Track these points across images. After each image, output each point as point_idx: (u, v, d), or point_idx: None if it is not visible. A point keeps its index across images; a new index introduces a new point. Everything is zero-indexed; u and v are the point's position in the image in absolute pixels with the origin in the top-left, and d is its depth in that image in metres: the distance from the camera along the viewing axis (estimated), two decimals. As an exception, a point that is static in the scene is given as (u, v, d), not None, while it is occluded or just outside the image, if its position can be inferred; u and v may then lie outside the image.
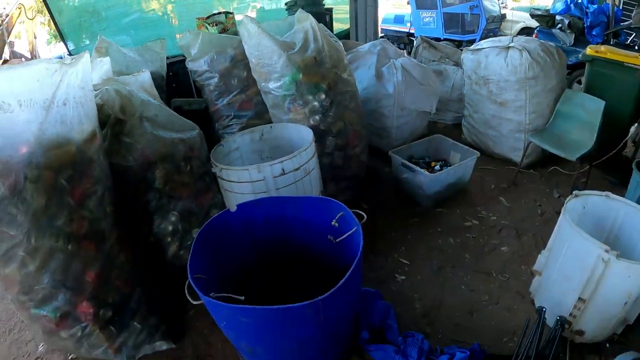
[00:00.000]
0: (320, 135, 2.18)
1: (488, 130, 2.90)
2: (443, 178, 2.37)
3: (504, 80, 2.66)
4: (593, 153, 2.56)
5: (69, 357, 1.72)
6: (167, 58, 2.86)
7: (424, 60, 3.67)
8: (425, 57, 3.72)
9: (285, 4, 3.88)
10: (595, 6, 3.83)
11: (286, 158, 1.77)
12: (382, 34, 7.08)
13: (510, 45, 2.63)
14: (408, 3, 6.55)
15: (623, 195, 1.91)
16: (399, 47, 5.91)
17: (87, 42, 2.95)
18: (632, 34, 3.85)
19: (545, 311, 1.53)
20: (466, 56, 2.88)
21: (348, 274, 1.19)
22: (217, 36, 2.43)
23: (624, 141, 2.61)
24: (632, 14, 3.62)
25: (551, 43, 2.89)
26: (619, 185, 2.59)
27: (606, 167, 2.85)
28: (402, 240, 2.27)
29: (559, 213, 1.68)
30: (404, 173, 2.42)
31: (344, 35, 4.39)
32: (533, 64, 2.55)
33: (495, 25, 5.93)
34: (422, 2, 6.14)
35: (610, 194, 1.74)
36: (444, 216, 2.45)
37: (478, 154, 2.49)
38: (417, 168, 2.31)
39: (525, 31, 5.98)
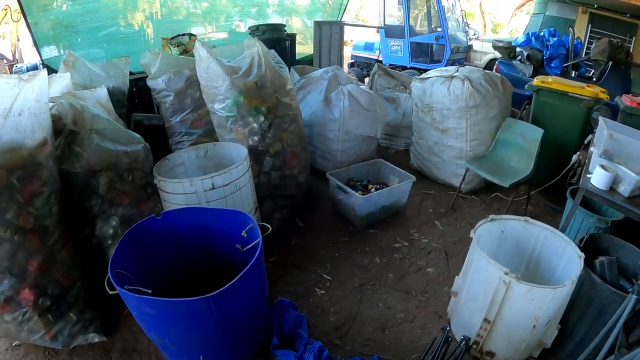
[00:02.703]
0: (258, 155, 2.63)
1: (431, 156, 3.31)
2: (375, 200, 2.75)
3: (446, 109, 3.07)
4: (535, 181, 2.92)
5: (14, 344, 2.09)
6: (135, 74, 3.31)
7: (378, 88, 4.16)
8: (380, 85, 4.19)
9: (249, 28, 4.45)
10: (556, 39, 4.31)
11: (216, 174, 2.22)
12: (353, 60, 7.99)
13: (454, 74, 3.05)
14: (377, 32, 7.32)
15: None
16: (368, 73, 6.69)
17: (61, 52, 3.46)
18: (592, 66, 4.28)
19: (448, 330, 1.79)
20: (414, 84, 3.31)
21: (236, 278, 1.56)
22: (175, 57, 2.93)
23: (565, 170, 2.99)
24: (592, 47, 4.06)
25: (497, 73, 3.33)
26: (561, 213, 2.89)
27: (552, 195, 3.21)
28: (329, 258, 2.61)
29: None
30: (339, 194, 2.81)
31: (307, 61, 4.89)
32: (474, 93, 2.97)
33: (461, 56, 6.57)
34: (391, 31, 6.93)
35: (529, 218, 1.99)
36: (375, 237, 2.80)
37: (414, 178, 2.89)
38: (350, 190, 2.71)
39: (493, 62, 6.52)
